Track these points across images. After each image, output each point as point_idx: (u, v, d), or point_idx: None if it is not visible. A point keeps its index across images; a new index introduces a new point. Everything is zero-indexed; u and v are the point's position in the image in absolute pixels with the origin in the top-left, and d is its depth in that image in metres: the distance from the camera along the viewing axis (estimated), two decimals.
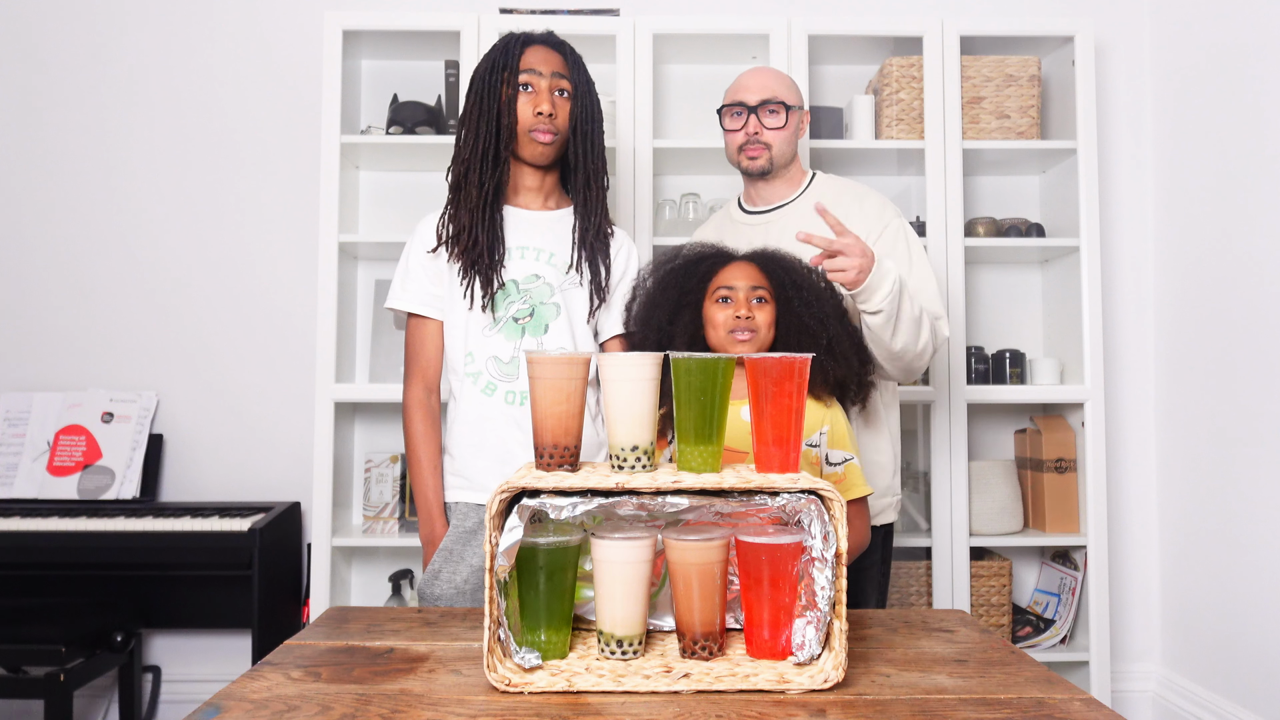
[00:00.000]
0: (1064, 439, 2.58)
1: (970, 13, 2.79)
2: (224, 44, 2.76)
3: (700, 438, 1.04)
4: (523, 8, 2.63)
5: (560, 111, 1.58)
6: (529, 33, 1.63)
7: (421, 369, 1.66)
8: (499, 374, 1.60)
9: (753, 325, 1.50)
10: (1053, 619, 2.58)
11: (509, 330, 1.59)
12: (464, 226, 1.57)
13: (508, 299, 1.60)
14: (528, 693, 0.96)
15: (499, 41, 1.62)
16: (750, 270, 1.54)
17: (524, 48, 1.59)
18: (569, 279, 1.63)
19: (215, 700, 0.94)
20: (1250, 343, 2.31)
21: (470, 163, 1.58)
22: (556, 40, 1.64)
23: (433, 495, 1.62)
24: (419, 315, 1.65)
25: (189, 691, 2.64)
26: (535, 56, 1.59)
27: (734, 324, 1.50)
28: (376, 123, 2.66)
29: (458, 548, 1.57)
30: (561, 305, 1.61)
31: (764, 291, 1.52)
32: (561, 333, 1.60)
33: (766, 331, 1.52)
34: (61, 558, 2.43)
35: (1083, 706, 0.93)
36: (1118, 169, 2.79)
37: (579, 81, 1.61)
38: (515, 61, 1.57)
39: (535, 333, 1.60)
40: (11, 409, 2.62)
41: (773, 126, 1.78)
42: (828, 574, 0.99)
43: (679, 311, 1.55)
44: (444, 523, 1.61)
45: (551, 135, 1.57)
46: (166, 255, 2.74)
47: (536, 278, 1.61)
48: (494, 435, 1.59)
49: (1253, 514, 2.30)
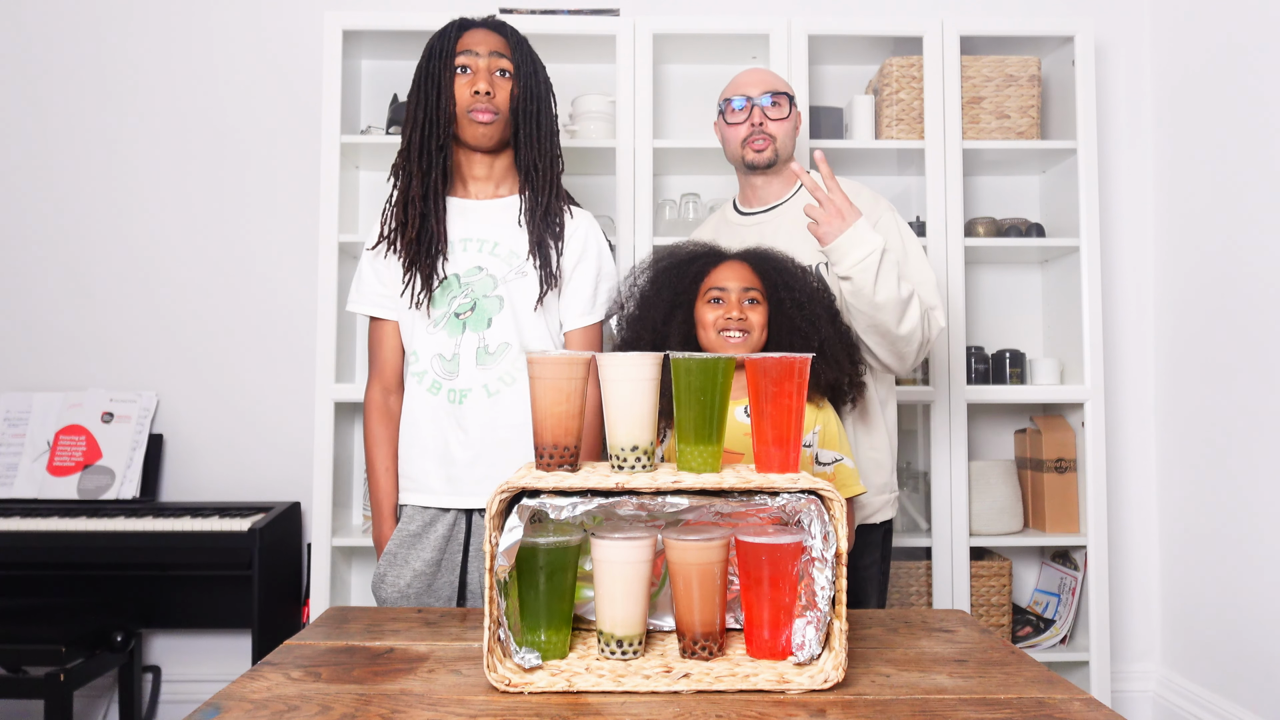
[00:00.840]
0: (1064, 439, 2.58)
1: (970, 13, 2.79)
2: (224, 44, 2.76)
3: (700, 438, 1.04)
4: (523, 8, 2.63)
5: (499, 91, 1.54)
6: (467, 18, 1.60)
7: (379, 370, 1.65)
8: (442, 372, 1.56)
9: (745, 326, 1.49)
10: (1053, 619, 2.58)
11: (450, 326, 1.56)
12: (402, 221, 1.54)
13: (449, 294, 1.56)
14: (528, 693, 0.96)
15: (439, 29, 1.59)
16: (743, 270, 1.53)
17: (462, 31, 1.57)
18: (514, 269, 1.58)
19: (215, 700, 0.94)
20: (1250, 342, 2.31)
21: (409, 152, 1.55)
22: (496, 22, 1.60)
23: (384, 498, 1.61)
24: (375, 317, 1.64)
25: (189, 691, 2.64)
26: (473, 38, 1.56)
27: (725, 324, 1.49)
28: (376, 123, 2.66)
29: (401, 551, 1.56)
30: (505, 298, 1.56)
31: (756, 292, 1.51)
32: (505, 326, 1.56)
33: (759, 333, 1.51)
34: (61, 558, 2.43)
35: (1083, 706, 0.93)
36: (1118, 169, 2.79)
37: (521, 61, 1.57)
38: (452, 45, 1.54)
39: (477, 327, 1.55)
40: (11, 409, 2.62)
41: (777, 118, 1.78)
42: (828, 574, 0.99)
43: (671, 312, 1.54)
44: (392, 524, 1.61)
45: (491, 115, 1.53)
46: (167, 255, 2.74)
47: (479, 270, 1.57)
48: (436, 435, 1.56)
49: (1253, 514, 2.30)
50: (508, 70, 1.56)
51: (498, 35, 1.58)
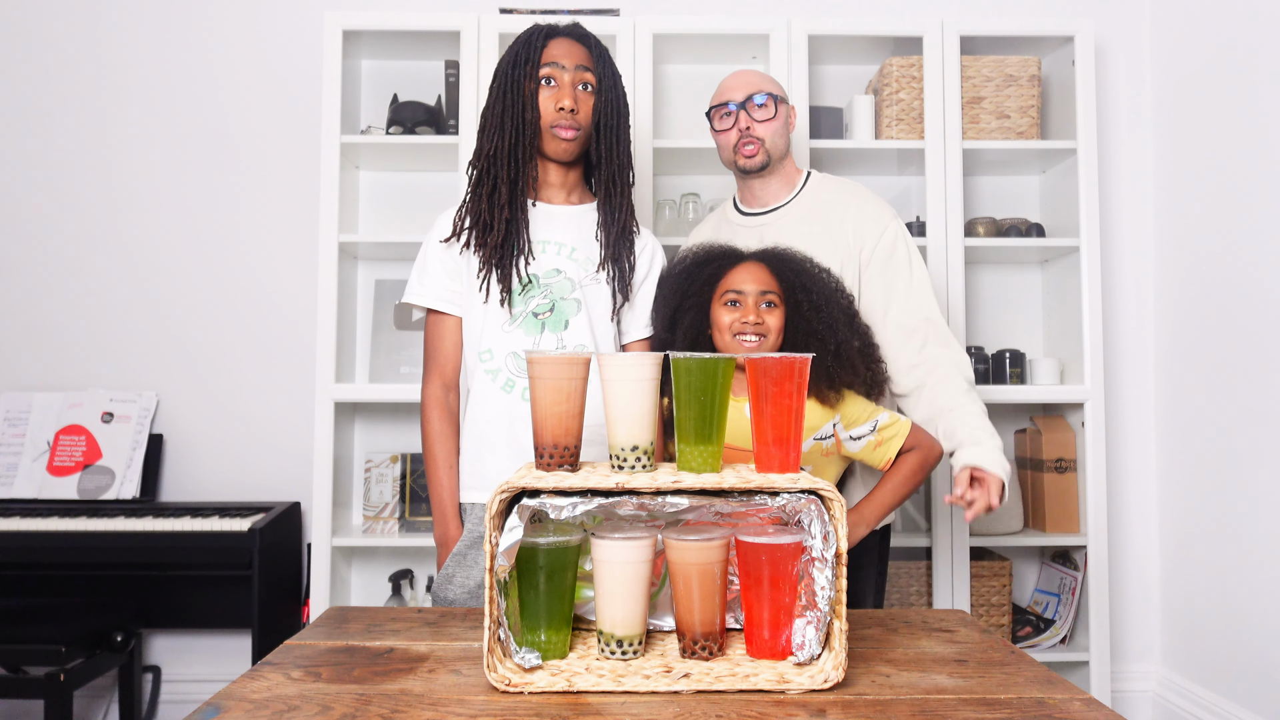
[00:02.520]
0: (1064, 439, 2.58)
1: (970, 13, 2.79)
2: (224, 44, 2.76)
3: (700, 438, 1.04)
4: (523, 8, 2.63)
5: (583, 106, 1.53)
6: (553, 25, 1.57)
7: (439, 366, 1.61)
8: (518, 370, 1.55)
9: (762, 330, 1.48)
10: (1053, 619, 2.58)
11: (528, 325, 1.55)
12: (485, 223, 1.53)
13: (528, 294, 1.55)
14: (528, 693, 0.96)
15: (522, 34, 1.56)
16: (760, 272, 1.51)
17: (547, 40, 1.54)
18: (590, 275, 1.58)
19: (215, 700, 0.94)
20: (1250, 342, 2.31)
21: (494, 159, 1.53)
22: (581, 32, 1.58)
23: (447, 496, 1.57)
24: (437, 311, 1.61)
25: (189, 691, 2.64)
26: (558, 49, 1.54)
27: (741, 328, 1.48)
28: (376, 123, 2.66)
29: (471, 552, 1.53)
30: (582, 301, 1.57)
31: (774, 295, 1.50)
32: (581, 329, 1.56)
33: (775, 336, 1.50)
34: (61, 558, 2.43)
35: (1083, 706, 0.93)
36: (1118, 169, 2.79)
37: (604, 75, 1.55)
38: (537, 55, 1.52)
39: (555, 329, 1.55)
40: (11, 409, 2.62)
41: (763, 119, 1.76)
42: (828, 574, 0.99)
43: (685, 313, 1.54)
44: (458, 524, 1.57)
45: (574, 131, 1.53)
46: (167, 255, 2.74)
47: (558, 272, 1.57)
48: (513, 433, 1.55)
49: (1253, 514, 2.30)
50: (591, 84, 1.54)
51: (582, 47, 1.56)
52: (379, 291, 2.69)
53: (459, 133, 2.48)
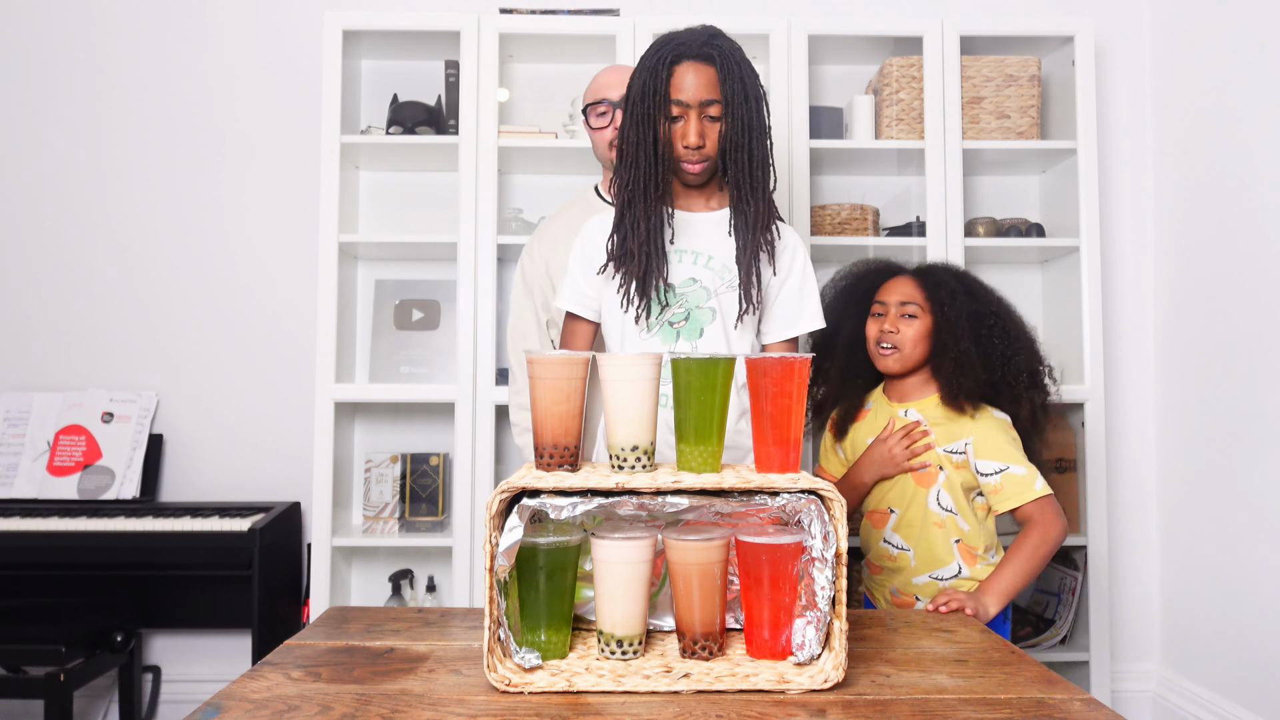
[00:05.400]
0: (1064, 439, 2.58)
1: (970, 13, 2.79)
2: (223, 44, 2.76)
3: (700, 438, 1.04)
4: (523, 8, 2.63)
5: (710, 138, 1.51)
6: (680, 46, 1.51)
7: None
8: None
9: (896, 340, 1.52)
10: (1053, 619, 2.58)
11: (665, 334, 1.56)
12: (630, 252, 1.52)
13: (664, 303, 1.56)
14: (528, 693, 0.96)
15: (650, 57, 1.51)
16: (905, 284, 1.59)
17: (672, 67, 1.50)
18: (725, 282, 1.57)
19: (215, 700, 0.94)
20: (1250, 342, 2.31)
21: (634, 192, 1.52)
22: (707, 51, 1.51)
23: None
24: (574, 314, 1.63)
25: (189, 691, 2.64)
26: (684, 78, 1.49)
27: (880, 336, 1.57)
28: (376, 123, 2.66)
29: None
30: (717, 309, 1.57)
31: (915, 306, 1.54)
32: (716, 337, 1.56)
33: (911, 346, 1.56)
34: (61, 558, 2.43)
35: (1083, 706, 0.93)
36: (1118, 169, 2.79)
37: (730, 94, 1.50)
38: (664, 87, 1.49)
39: (690, 336, 1.56)
40: (11, 409, 2.62)
41: None
42: (828, 574, 0.99)
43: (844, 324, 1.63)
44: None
45: (701, 164, 1.52)
46: (167, 255, 2.74)
47: (693, 281, 1.57)
48: None
49: (1253, 514, 2.30)
50: (716, 114, 1.51)
51: (708, 69, 1.50)
52: (379, 291, 2.69)
53: (459, 133, 2.48)
